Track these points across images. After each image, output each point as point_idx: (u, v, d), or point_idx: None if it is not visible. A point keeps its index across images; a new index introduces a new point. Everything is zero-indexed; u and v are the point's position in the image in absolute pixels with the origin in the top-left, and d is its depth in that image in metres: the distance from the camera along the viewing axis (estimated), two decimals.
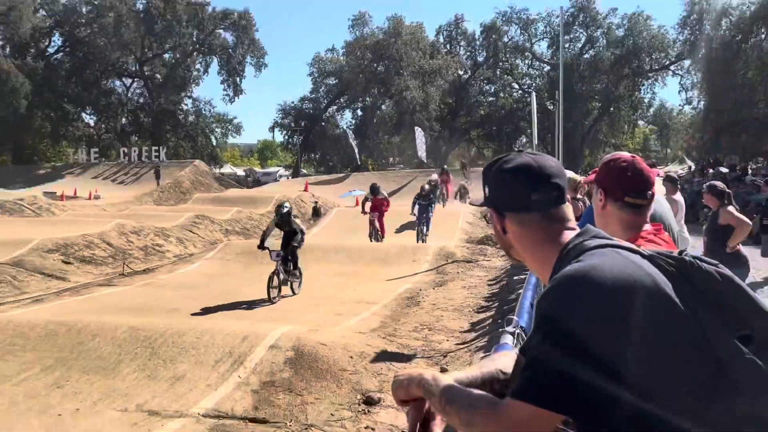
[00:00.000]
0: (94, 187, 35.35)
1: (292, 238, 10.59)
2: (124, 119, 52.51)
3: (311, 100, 51.79)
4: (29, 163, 46.73)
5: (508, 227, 1.36)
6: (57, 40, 51.55)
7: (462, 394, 1.24)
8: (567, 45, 44.88)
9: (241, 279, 11.78)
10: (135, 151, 43.30)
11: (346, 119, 53.33)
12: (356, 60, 48.45)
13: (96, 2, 48.81)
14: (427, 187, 17.85)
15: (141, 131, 51.80)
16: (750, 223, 6.44)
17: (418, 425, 1.31)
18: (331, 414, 5.09)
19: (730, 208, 6.17)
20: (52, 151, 51.08)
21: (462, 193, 27.08)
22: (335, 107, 52.84)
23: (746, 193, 19.44)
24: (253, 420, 4.83)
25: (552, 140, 30.12)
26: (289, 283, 10.57)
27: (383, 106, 50.07)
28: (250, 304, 9.78)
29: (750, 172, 27.20)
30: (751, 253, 7.29)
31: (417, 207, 16.91)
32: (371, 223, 16.05)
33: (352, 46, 49.13)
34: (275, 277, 10.02)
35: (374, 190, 16.45)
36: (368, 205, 16.36)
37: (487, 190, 1.40)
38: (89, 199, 31.26)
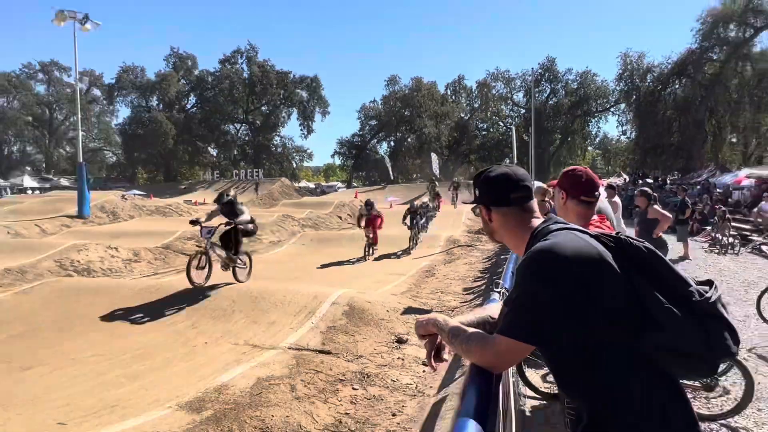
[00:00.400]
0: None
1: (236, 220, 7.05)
2: (235, 151, 53.61)
3: (359, 135, 51.83)
4: (174, 181, 48.06)
5: (493, 218, 1.34)
6: (192, 99, 53.03)
7: (463, 331, 1.23)
8: (537, 95, 44.06)
9: (313, 258, 11.86)
10: (242, 173, 44.16)
11: (383, 148, 53.26)
12: (390, 108, 48.62)
13: (217, 74, 50.12)
14: (416, 203, 15.98)
15: (246, 159, 52.65)
16: (670, 217, 6.22)
17: (433, 352, 1.32)
18: (374, 348, 5.10)
19: (656, 207, 6.00)
20: (189, 173, 52.46)
21: (455, 187, 26.30)
22: (376, 140, 52.79)
23: (666, 196, 18.76)
24: (321, 351, 4.87)
25: (527, 161, 29.47)
26: (231, 268, 7.00)
27: (409, 139, 49.77)
28: (320, 274, 9.84)
29: (668, 182, 26.26)
30: (669, 239, 7.05)
31: (409, 218, 13.50)
32: (367, 238, 12.16)
33: (387, 98, 49.38)
34: (201, 257, 6.57)
35: (369, 205, 12.31)
36: (363, 220, 12.27)
37: (477, 192, 1.37)
38: None
